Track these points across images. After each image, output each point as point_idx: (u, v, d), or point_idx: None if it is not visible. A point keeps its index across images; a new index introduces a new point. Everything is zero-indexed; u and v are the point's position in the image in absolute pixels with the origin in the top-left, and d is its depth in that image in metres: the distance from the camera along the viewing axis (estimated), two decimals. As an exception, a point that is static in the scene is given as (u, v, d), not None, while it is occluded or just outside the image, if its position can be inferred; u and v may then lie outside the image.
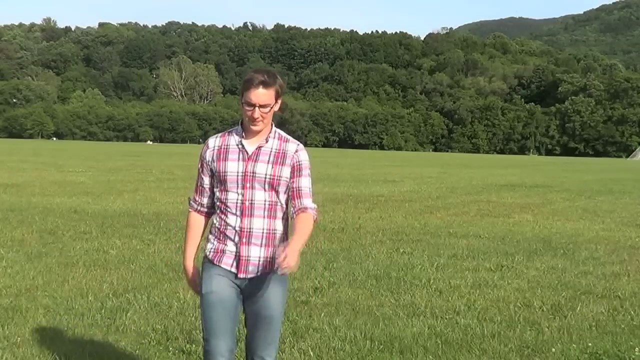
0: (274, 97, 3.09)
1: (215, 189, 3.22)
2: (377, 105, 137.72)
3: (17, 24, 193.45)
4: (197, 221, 3.32)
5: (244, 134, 3.16)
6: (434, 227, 11.93)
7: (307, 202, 3.17)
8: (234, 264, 3.15)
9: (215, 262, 3.18)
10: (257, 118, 3.07)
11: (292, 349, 4.91)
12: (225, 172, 3.12)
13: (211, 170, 3.20)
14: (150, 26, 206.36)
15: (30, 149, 56.38)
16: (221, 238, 3.18)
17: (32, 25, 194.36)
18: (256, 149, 3.13)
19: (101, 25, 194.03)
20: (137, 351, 4.80)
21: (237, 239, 3.13)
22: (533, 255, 9.17)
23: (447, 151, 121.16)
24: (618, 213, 15.39)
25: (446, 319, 5.81)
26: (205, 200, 3.28)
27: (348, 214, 13.71)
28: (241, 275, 3.14)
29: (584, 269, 8.24)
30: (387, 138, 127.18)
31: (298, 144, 3.21)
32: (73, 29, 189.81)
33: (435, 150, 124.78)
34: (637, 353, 4.97)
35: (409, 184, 23.56)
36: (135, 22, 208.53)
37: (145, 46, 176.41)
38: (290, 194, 3.18)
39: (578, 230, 12.12)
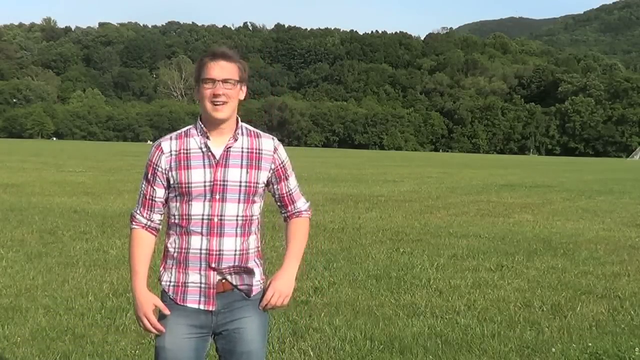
0: (237, 74, 2.55)
1: (170, 203, 2.61)
2: (377, 105, 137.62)
3: (17, 24, 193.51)
4: (146, 239, 2.64)
5: (208, 134, 2.56)
6: (434, 227, 11.93)
7: (300, 203, 2.76)
8: (201, 298, 2.58)
9: (178, 302, 2.60)
10: (220, 95, 2.50)
11: (292, 349, 4.91)
12: (188, 183, 2.52)
13: (168, 180, 2.57)
14: (150, 26, 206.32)
15: (30, 149, 56.37)
16: (182, 265, 2.59)
17: (32, 25, 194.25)
18: (224, 150, 2.55)
19: (101, 25, 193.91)
20: (137, 351, 4.80)
21: (204, 265, 2.55)
22: (533, 255, 9.17)
23: (447, 151, 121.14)
24: (618, 213, 15.39)
25: (446, 319, 5.81)
26: (155, 217, 2.64)
27: (348, 214, 13.71)
28: (210, 308, 2.59)
29: (584, 269, 8.24)
30: (387, 138, 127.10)
31: (273, 139, 2.66)
32: (73, 29, 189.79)
33: (435, 150, 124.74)
34: (637, 353, 4.97)
35: (409, 184, 23.56)
36: (135, 22, 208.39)
37: (145, 46, 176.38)
38: (280, 201, 2.72)
39: (578, 230, 12.12)
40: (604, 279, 7.68)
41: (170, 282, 2.62)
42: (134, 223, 2.65)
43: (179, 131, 2.64)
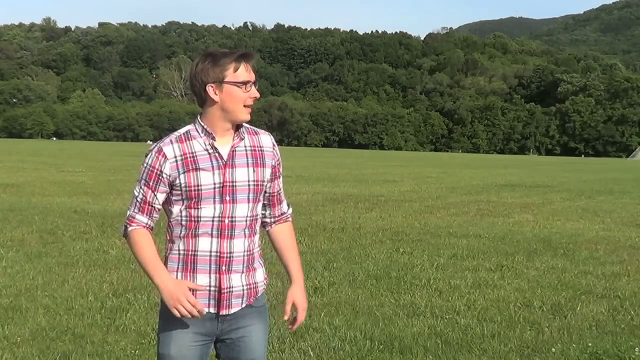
0: None
1: (174, 206, 2.50)
2: (377, 105, 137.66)
3: (17, 24, 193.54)
4: (150, 236, 2.52)
5: (214, 135, 2.47)
6: (434, 227, 11.93)
7: (286, 206, 2.71)
8: (212, 301, 2.50)
9: None
10: (257, 98, 2.51)
11: (292, 349, 4.91)
12: (198, 186, 2.42)
13: (171, 185, 2.46)
14: (150, 26, 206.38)
15: (30, 149, 56.35)
16: (189, 268, 2.49)
17: (32, 25, 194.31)
18: (231, 150, 2.48)
19: (101, 25, 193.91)
20: (137, 351, 4.80)
21: (214, 267, 2.48)
22: (533, 255, 9.17)
23: (447, 151, 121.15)
24: (618, 213, 15.39)
25: (446, 319, 5.81)
26: (151, 223, 2.52)
27: (348, 214, 13.70)
28: (223, 312, 2.51)
29: (584, 269, 8.24)
30: (387, 138, 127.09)
31: (270, 135, 2.61)
32: (73, 29, 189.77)
33: (435, 150, 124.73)
34: (637, 353, 4.97)
35: (409, 184, 23.55)
36: (135, 22, 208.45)
37: (145, 46, 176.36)
38: (269, 200, 2.64)
39: (578, 230, 12.12)
40: (604, 279, 7.68)
41: None
42: (133, 224, 2.49)
43: (177, 133, 2.50)
